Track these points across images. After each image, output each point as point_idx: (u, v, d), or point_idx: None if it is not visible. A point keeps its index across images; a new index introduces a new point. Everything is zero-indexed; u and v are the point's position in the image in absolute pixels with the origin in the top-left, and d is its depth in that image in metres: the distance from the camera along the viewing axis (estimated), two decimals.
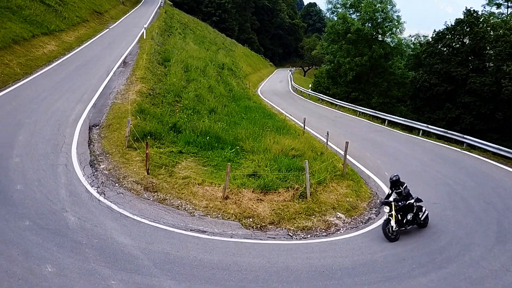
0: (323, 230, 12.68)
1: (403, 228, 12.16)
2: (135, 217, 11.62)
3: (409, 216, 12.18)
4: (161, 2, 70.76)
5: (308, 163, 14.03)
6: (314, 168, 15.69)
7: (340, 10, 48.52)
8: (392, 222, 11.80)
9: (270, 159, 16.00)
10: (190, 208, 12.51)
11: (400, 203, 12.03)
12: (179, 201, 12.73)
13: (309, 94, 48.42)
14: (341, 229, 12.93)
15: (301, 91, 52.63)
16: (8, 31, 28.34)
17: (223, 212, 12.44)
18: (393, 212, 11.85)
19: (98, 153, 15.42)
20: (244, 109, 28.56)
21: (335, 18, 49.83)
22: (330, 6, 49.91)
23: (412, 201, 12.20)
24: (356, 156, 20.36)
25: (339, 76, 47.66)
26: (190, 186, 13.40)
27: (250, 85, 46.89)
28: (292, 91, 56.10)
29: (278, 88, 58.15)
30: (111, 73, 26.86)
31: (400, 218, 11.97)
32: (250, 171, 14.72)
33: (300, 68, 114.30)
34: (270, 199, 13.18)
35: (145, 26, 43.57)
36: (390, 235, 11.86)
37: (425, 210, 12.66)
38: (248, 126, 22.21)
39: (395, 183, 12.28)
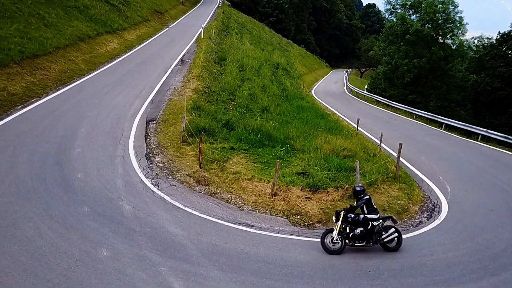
0: None
1: (351, 244, 11.00)
2: (186, 209, 12.01)
3: (358, 231, 10.93)
4: (220, 2, 72.08)
5: (359, 164, 13.90)
6: (365, 169, 15.54)
7: (399, 11, 47.41)
8: (334, 233, 10.80)
9: (320, 158, 15.99)
10: (239, 202, 12.78)
11: (352, 215, 11.08)
12: (229, 195, 13.04)
13: (364, 96, 47.72)
14: None
15: (356, 92, 51.98)
16: (75, 29, 29.95)
17: (271, 208, 12.62)
18: (339, 223, 10.85)
19: (153, 146, 16.03)
20: (297, 108, 28.61)
21: (394, 19, 48.74)
22: (389, 6, 49.00)
23: (369, 216, 11.03)
24: (410, 159, 19.93)
25: (396, 78, 46.56)
26: (240, 181, 13.67)
27: (304, 86, 46.87)
28: (347, 92, 55.53)
29: (332, 89, 57.77)
30: (169, 71, 27.75)
31: (348, 231, 11.03)
32: (300, 169, 14.79)
33: (357, 69, 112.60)
34: (318, 198, 13.21)
35: (203, 25, 44.59)
36: (327, 244, 10.84)
37: (396, 232, 11.23)
38: (299, 126, 22.27)
39: (356, 194, 11.39)
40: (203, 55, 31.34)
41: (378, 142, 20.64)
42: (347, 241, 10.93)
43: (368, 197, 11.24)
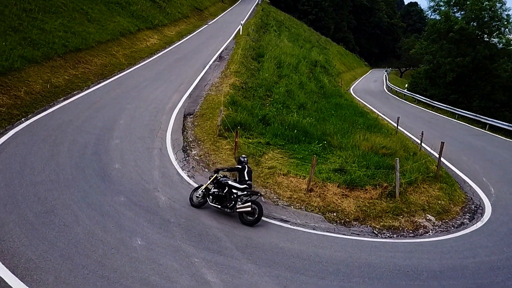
0: (411, 231, 12.15)
1: (213, 204, 11.37)
2: None
3: (214, 190, 11.37)
4: (259, 0, 72.03)
5: (399, 162, 13.47)
6: (405, 167, 15.07)
7: (443, 8, 45.79)
8: (200, 189, 11.49)
9: (358, 155, 15.63)
10: (275, 197, 12.62)
11: (222, 178, 11.52)
12: (264, 190, 12.89)
13: (404, 95, 46.55)
14: (430, 231, 12.31)
15: (396, 91, 50.76)
16: (116, 25, 30.54)
17: (307, 204, 12.40)
18: (209, 181, 11.49)
19: (190, 139, 16.09)
20: (335, 106, 28.17)
21: (437, 17, 47.21)
22: (432, 3, 47.28)
23: (231, 183, 11.32)
24: (451, 159, 19.24)
25: (438, 77, 45.03)
26: (275, 176, 13.50)
27: (342, 83, 46.20)
28: (386, 91, 54.33)
29: (371, 87, 56.68)
30: (207, 66, 27.87)
31: (211, 190, 11.42)
32: (337, 166, 14.49)
33: (397, 69, 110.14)
34: (356, 196, 12.88)
35: (242, 22, 44.63)
36: (193, 197, 11.52)
37: (252, 208, 10.98)
38: (337, 123, 21.89)
39: (238, 163, 11.79)
40: (241, 52, 31.33)
41: (419, 141, 20.04)
42: (207, 198, 11.46)
43: (242, 167, 11.53)
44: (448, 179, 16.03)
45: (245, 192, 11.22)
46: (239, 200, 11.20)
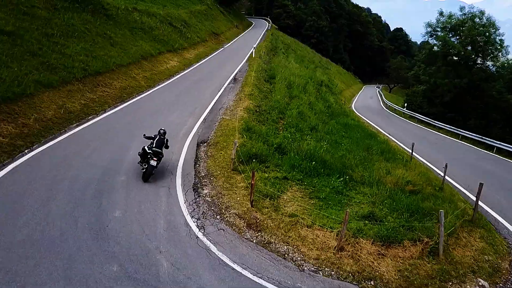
0: None
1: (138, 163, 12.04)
2: (235, 266, 8.22)
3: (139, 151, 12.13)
4: (269, 26, 68.36)
5: (443, 214, 9.58)
6: (437, 208, 11.25)
7: (440, 33, 41.50)
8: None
9: (385, 194, 11.86)
10: (299, 258, 8.84)
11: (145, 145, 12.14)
12: (285, 247, 9.13)
13: (404, 113, 41.87)
14: None
15: (394, 109, 46.06)
16: (139, 48, 26.97)
17: (338, 268, 8.61)
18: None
19: (203, 174, 12.40)
20: (344, 126, 24.35)
21: (433, 41, 42.91)
22: (429, 29, 42.62)
23: (145, 147, 11.97)
24: (473, 190, 15.32)
25: (435, 97, 40.82)
26: (298, 228, 9.72)
27: (345, 101, 42.25)
28: (384, 108, 49.79)
29: (370, 104, 52.16)
30: (222, 89, 24.22)
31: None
32: (365, 210, 10.72)
33: (386, 85, 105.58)
34: (394, 254, 9.08)
35: (254, 46, 41.01)
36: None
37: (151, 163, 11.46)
38: (351, 148, 18.19)
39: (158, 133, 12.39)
40: (254, 74, 27.64)
41: (433, 167, 16.22)
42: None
43: (154, 137, 12.24)
44: (483, 222, 12.11)
45: (151, 153, 11.64)
46: (148, 157, 11.61)
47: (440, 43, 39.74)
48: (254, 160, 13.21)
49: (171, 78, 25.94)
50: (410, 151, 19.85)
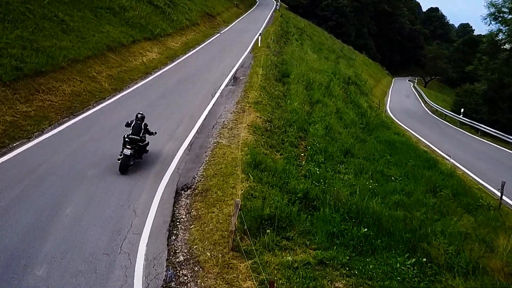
0: None
1: None
2: None
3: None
4: (277, 5, 64.65)
5: None
6: None
7: (508, 16, 36.93)
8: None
9: None
10: None
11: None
12: None
13: (459, 121, 36.92)
14: None
15: (445, 114, 40.97)
16: (103, 36, 23.29)
17: None
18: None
19: (181, 259, 8.59)
20: (387, 146, 20.70)
21: (497, 26, 38.26)
22: (492, 10, 37.68)
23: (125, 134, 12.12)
24: None
25: (502, 100, 36.46)
26: None
27: (379, 104, 38.38)
28: (428, 111, 45.01)
29: (408, 106, 47.46)
30: (218, 93, 20.49)
31: None
32: None
33: (420, 78, 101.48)
34: None
35: (260, 31, 37.32)
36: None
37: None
38: (408, 186, 14.57)
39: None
40: (262, 71, 23.91)
41: None
42: None
43: (130, 122, 12.49)
44: None
45: (127, 140, 11.81)
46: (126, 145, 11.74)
47: (509, 28, 35.47)
48: (268, 228, 9.43)
49: (147, 77, 22.31)
50: (487, 186, 16.12)
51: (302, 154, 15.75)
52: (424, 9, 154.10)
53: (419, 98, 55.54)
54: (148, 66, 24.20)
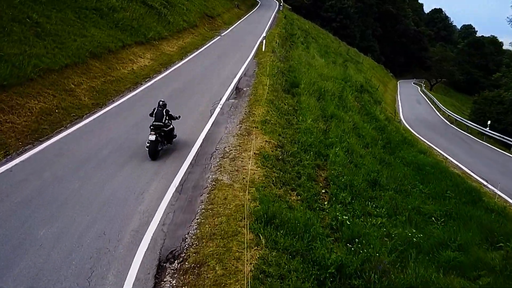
0: None
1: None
2: None
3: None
4: (280, 6, 61.35)
5: None
6: None
7: None
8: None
9: None
10: None
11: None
12: None
13: (484, 134, 33.03)
14: None
15: (466, 125, 36.85)
16: (87, 41, 20.01)
17: None
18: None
19: None
20: (416, 171, 17.59)
21: None
22: None
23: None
24: None
25: None
26: None
27: (395, 114, 35.00)
28: (445, 120, 41.18)
29: (423, 114, 43.56)
30: (218, 108, 17.22)
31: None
32: None
33: (425, 80, 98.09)
34: None
35: (264, 34, 34.04)
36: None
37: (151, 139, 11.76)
38: (460, 236, 11.40)
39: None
40: (268, 80, 20.64)
41: None
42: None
43: (154, 109, 12.64)
44: None
45: (151, 128, 11.99)
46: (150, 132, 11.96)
47: None
48: None
49: (136, 88, 19.10)
50: None
51: (323, 191, 12.52)
52: (425, 9, 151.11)
53: (431, 105, 52.01)
54: (139, 75, 20.91)
